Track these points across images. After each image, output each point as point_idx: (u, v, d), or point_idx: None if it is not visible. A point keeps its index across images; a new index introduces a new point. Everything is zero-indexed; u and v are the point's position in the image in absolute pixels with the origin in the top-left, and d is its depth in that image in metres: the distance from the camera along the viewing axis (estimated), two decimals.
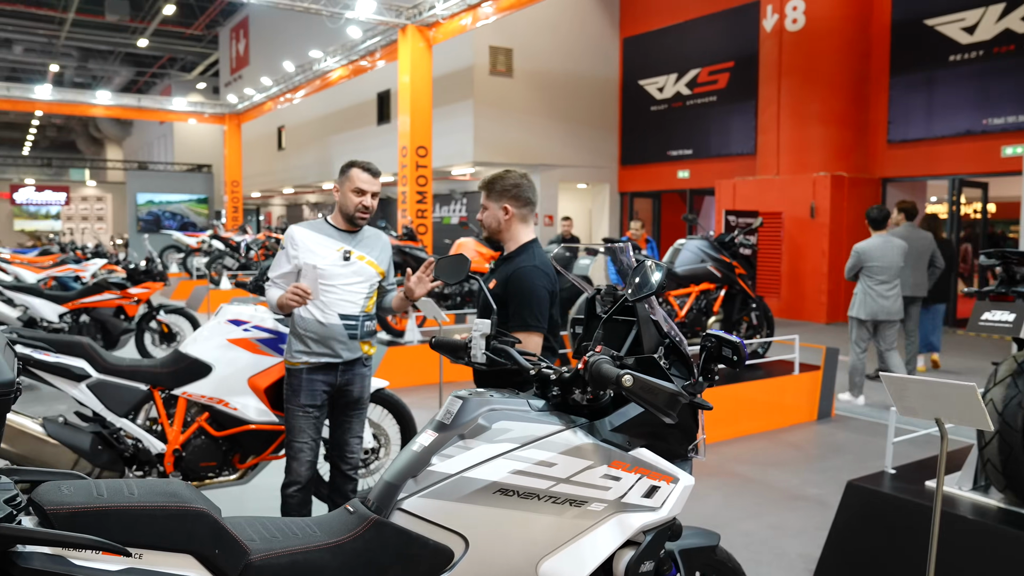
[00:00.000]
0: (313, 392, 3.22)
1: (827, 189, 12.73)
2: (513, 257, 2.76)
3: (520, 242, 2.80)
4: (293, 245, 3.21)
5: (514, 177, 2.81)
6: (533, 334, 2.64)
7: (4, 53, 32.93)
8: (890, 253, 6.45)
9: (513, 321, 2.64)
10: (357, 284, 3.23)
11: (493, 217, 2.80)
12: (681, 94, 16.94)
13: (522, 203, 2.80)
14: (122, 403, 3.54)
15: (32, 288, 7.51)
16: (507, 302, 2.66)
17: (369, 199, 3.25)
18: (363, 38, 15.59)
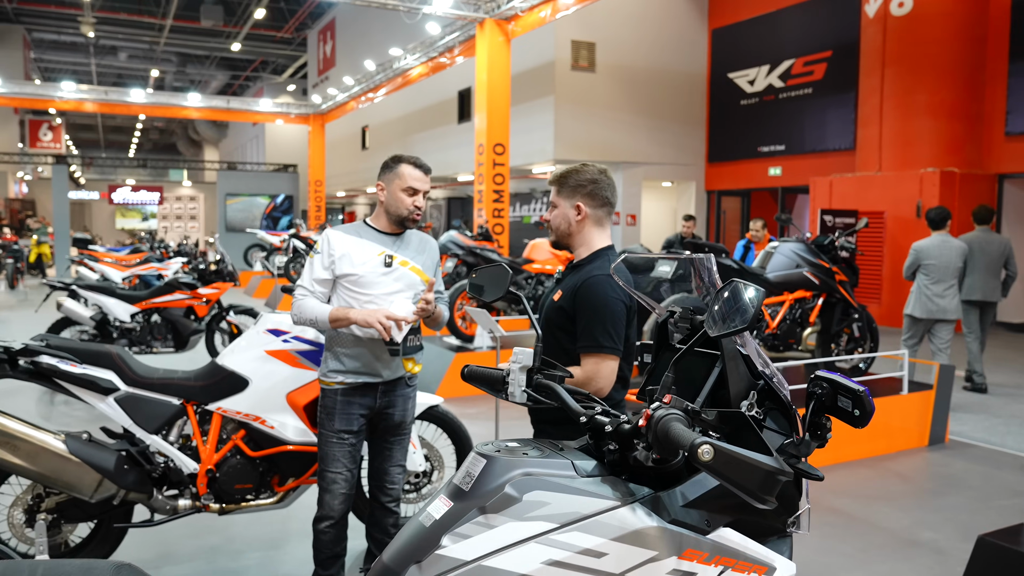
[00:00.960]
0: (349, 416, 2.86)
1: (936, 186, 11.70)
2: (584, 265, 2.35)
3: (593, 248, 2.38)
4: (330, 249, 2.86)
5: (591, 172, 2.38)
6: (606, 358, 2.21)
7: (110, 60, 34.59)
8: (947, 253, 6.59)
9: (582, 340, 2.24)
10: (399, 293, 2.86)
11: (563, 217, 2.38)
12: (773, 87, 16.03)
13: (598, 202, 2.37)
14: (153, 418, 3.28)
15: (105, 288, 7.52)
16: (575, 317, 2.26)
17: (421, 199, 2.88)
18: (442, 34, 15.37)
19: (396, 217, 2.87)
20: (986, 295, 7.18)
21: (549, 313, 2.37)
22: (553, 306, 2.35)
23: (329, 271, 2.84)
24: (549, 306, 2.38)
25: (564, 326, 2.31)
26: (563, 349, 2.31)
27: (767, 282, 5.42)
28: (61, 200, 22.04)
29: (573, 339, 2.28)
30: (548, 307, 2.39)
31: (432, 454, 3.86)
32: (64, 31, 29.91)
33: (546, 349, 2.36)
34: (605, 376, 2.21)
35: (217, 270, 7.97)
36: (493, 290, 2.01)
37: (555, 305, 2.35)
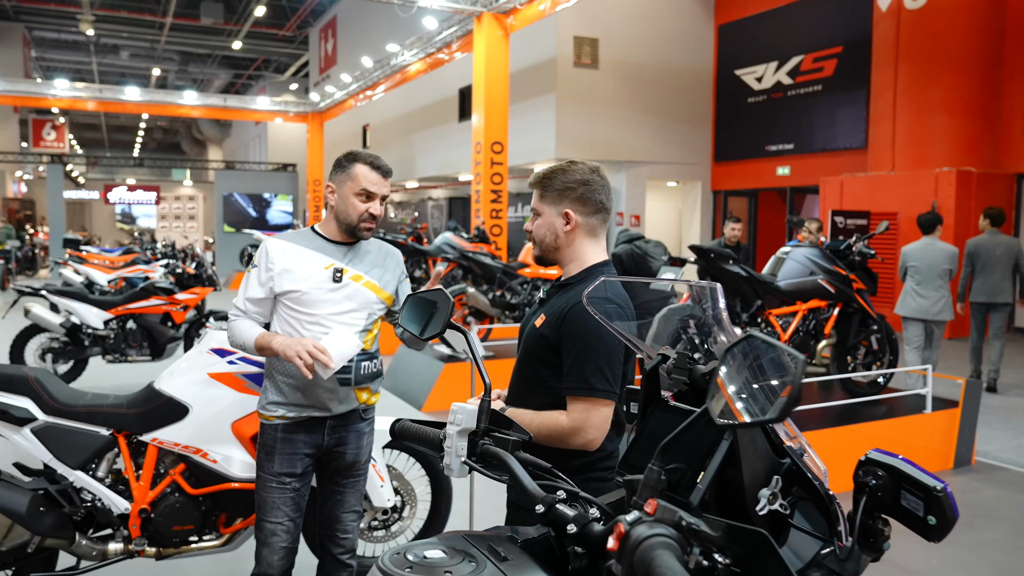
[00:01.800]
0: (292, 456, 2.44)
1: (952, 186, 11.23)
2: (574, 284, 1.92)
3: (586, 264, 1.95)
4: (268, 262, 2.43)
5: (580, 171, 1.94)
6: (598, 403, 1.80)
7: (112, 59, 34.32)
8: (931, 256, 6.86)
9: (569, 380, 1.82)
10: (350, 313, 2.43)
11: (548, 228, 1.95)
12: (782, 84, 15.55)
13: (591, 208, 1.94)
14: (77, 452, 2.87)
15: (77, 293, 7.12)
16: (561, 349, 1.85)
17: (377, 205, 2.44)
18: (439, 29, 14.96)
19: (346, 225, 2.44)
20: (990, 297, 7.30)
21: (529, 341, 1.95)
22: (534, 333, 1.93)
23: (266, 288, 2.42)
24: (530, 332, 1.96)
25: (546, 359, 1.89)
26: (544, 386, 1.89)
27: (778, 290, 4.99)
28: (56, 200, 21.71)
29: (557, 374, 1.86)
30: (529, 333, 1.96)
31: (403, 487, 3.45)
32: (64, 29, 29.62)
33: (523, 385, 1.94)
34: (596, 425, 1.79)
35: (196, 274, 7.57)
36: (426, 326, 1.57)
37: (536, 332, 1.92)
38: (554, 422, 1.82)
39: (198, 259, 7.69)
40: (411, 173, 22.50)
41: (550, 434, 1.81)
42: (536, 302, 2.09)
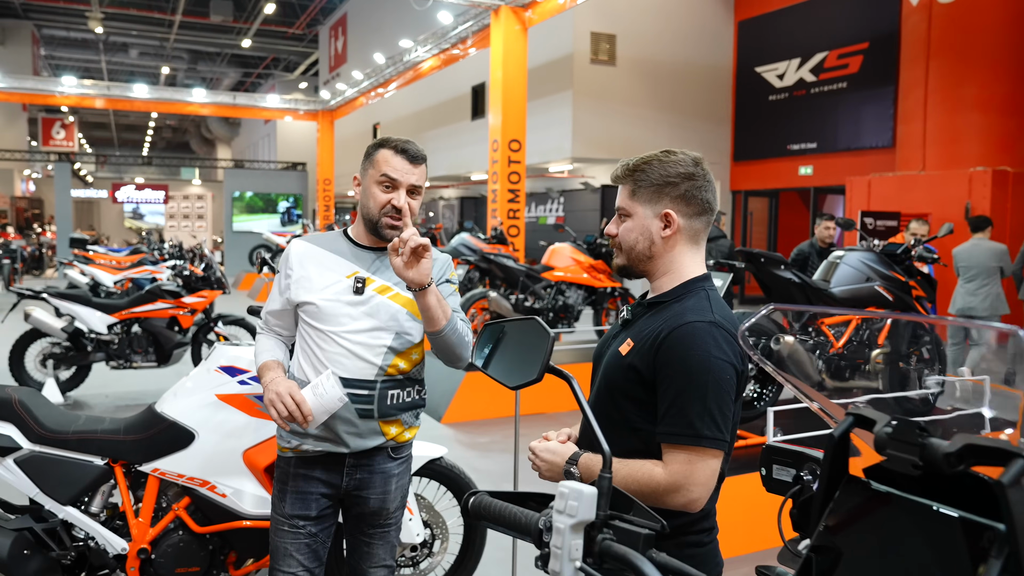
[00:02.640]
0: (305, 496, 2.07)
1: (987, 186, 10.81)
2: (669, 303, 1.56)
3: (684, 277, 1.58)
4: (288, 267, 2.08)
5: (683, 162, 1.57)
6: (705, 454, 1.44)
7: (121, 57, 34.17)
8: (977, 255, 7.20)
9: (668, 424, 1.46)
10: (372, 332, 2.04)
11: (641, 232, 1.58)
12: (805, 81, 15.14)
13: (696, 208, 1.58)
14: (67, 485, 2.53)
15: (79, 296, 6.80)
16: (656, 383, 1.49)
17: (403, 196, 2.03)
18: (454, 23, 14.60)
19: (369, 223, 2.07)
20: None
21: (612, 372, 1.58)
22: (619, 362, 1.56)
23: (284, 298, 2.08)
24: (613, 361, 1.59)
25: (635, 395, 1.53)
26: (630, 428, 1.54)
27: (833, 298, 4.61)
28: (64, 199, 21.47)
29: (648, 415, 1.51)
30: (611, 363, 1.59)
31: (433, 519, 3.09)
32: (73, 27, 29.44)
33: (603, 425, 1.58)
34: (702, 482, 1.44)
35: (204, 277, 7.24)
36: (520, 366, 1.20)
37: (622, 361, 1.55)
38: (647, 476, 1.46)
39: (206, 260, 7.35)
40: None
41: (640, 490, 1.45)
42: (617, 322, 1.69)
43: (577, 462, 1.51)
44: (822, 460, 0.92)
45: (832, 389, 3.99)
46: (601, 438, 1.01)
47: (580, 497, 0.87)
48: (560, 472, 1.53)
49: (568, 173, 17.38)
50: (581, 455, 1.53)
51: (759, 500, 3.76)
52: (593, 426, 1.04)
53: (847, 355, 4.71)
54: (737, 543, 3.76)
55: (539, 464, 1.58)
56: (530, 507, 1.09)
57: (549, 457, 1.56)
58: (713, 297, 1.56)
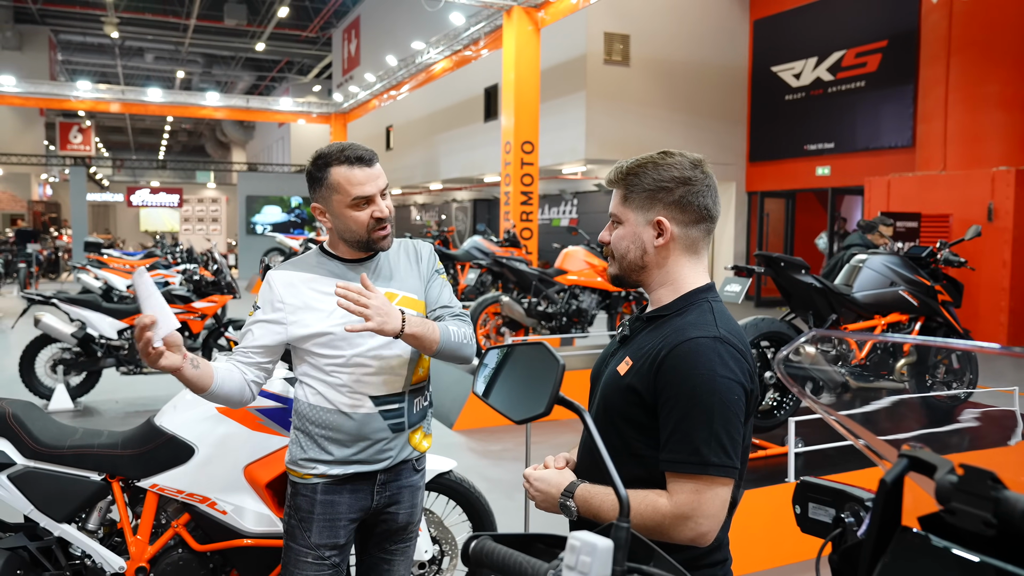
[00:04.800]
0: (333, 524, 1.95)
1: (1010, 186, 10.57)
2: (669, 318, 1.44)
3: (683, 289, 1.47)
4: (276, 301, 1.92)
5: (679, 165, 1.45)
6: (714, 483, 1.32)
7: (137, 62, 34.39)
8: None
9: (672, 451, 1.33)
10: (392, 345, 1.93)
11: (632, 240, 1.47)
12: (822, 80, 14.93)
13: (692, 215, 1.46)
14: (63, 501, 2.44)
15: (89, 301, 6.75)
16: (657, 405, 1.37)
17: (381, 204, 1.90)
18: (466, 25, 14.53)
19: (357, 243, 1.94)
20: None
21: (611, 394, 1.46)
22: (617, 383, 1.44)
23: (277, 334, 1.92)
24: (609, 381, 1.47)
25: (636, 419, 1.40)
26: (632, 454, 1.41)
27: (856, 303, 4.47)
28: (79, 203, 21.57)
29: (650, 440, 1.38)
30: (607, 382, 1.48)
31: (442, 535, 2.98)
32: (89, 32, 29.66)
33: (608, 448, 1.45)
34: (712, 514, 1.32)
35: (214, 281, 7.18)
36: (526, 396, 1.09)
37: (620, 382, 1.43)
38: (651, 508, 1.34)
39: (217, 264, 7.29)
40: (435, 175, 22.10)
41: (644, 524, 1.33)
42: (615, 338, 1.56)
43: (573, 494, 1.40)
44: (872, 507, 0.80)
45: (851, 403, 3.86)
46: (617, 480, 0.90)
47: (594, 552, 0.76)
48: (555, 504, 1.42)
49: (581, 175, 17.25)
50: (578, 485, 1.41)
51: (778, 515, 3.64)
52: (608, 465, 0.92)
53: (870, 366, 4.57)
54: (756, 559, 3.63)
55: (533, 494, 1.46)
56: (539, 550, 0.98)
57: (543, 487, 1.44)
58: (717, 310, 1.43)
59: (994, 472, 0.70)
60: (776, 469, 3.90)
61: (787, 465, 3.78)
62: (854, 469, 3.82)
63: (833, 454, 4.00)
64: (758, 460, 4.05)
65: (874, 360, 4.53)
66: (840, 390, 4.22)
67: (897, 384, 4.83)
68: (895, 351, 4.69)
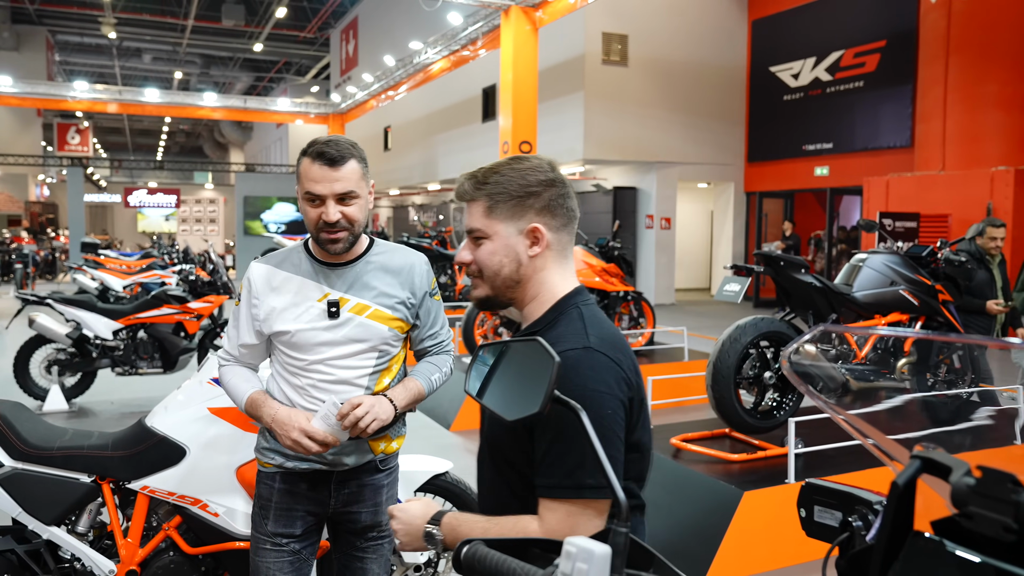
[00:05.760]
0: (290, 514, 1.95)
1: (1009, 186, 10.56)
2: (541, 333, 1.31)
3: (554, 298, 1.36)
4: (252, 296, 1.92)
5: (540, 168, 1.36)
6: (588, 507, 1.22)
7: (134, 62, 34.34)
8: None
9: (545, 475, 1.24)
10: (356, 357, 1.90)
11: (505, 253, 1.36)
12: (820, 80, 14.92)
13: (561, 219, 1.37)
14: (52, 504, 2.40)
15: (84, 301, 6.71)
16: (532, 430, 1.26)
17: (333, 209, 1.83)
18: (464, 24, 14.50)
19: (317, 241, 1.90)
20: None
21: (492, 425, 1.37)
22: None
23: (255, 331, 1.94)
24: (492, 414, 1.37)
25: (514, 444, 1.30)
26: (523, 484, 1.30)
27: (855, 302, 4.43)
28: (76, 203, 21.52)
29: (526, 465, 1.28)
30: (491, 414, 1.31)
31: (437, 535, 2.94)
32: (87, 32, 29.60)
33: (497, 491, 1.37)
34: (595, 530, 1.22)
35: (210, 281, 7.14)
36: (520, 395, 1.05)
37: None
38: (520, 534, 1.24)
39: (213, 265, 7.25)
40: (433, 175, 22.07)
41: None
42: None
43: (440, 522, 1.29)
44: (884, 510, 0.76)
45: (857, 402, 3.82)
46: (614, 480, 0.86)
47: (591, 559, 0.72)
48: (419, 537, 1.30)
49: (580, 175, 17.23)
50: (446, 513, 1.31)
51: (778, 516, 3.60)
52: (604, 463, 0.88)
53: (871, 365, 4.53)
54: (756, 561, 3.59)
55: (395, 527, 1.35)
56: (534, 555, 0.95)
57: (405, 518, 1.33)
58: (587, 315, 1.33)
59: (1015, 474, 0.66)
60: (776, 470, 3.86)
61: (787, 466, 3.75)
62: (855, 470, 3.79)
63: (833, 455, 3.96)
64: (758, 461, 4.01)
65: (874, 359, 4.49)
66: (845, 389, 4.19)
67: (899, 383, 4.79)
68: (895, 350, 4.66)
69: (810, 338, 1.17)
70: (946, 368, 4.90)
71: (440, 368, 2.06)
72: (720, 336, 4.05)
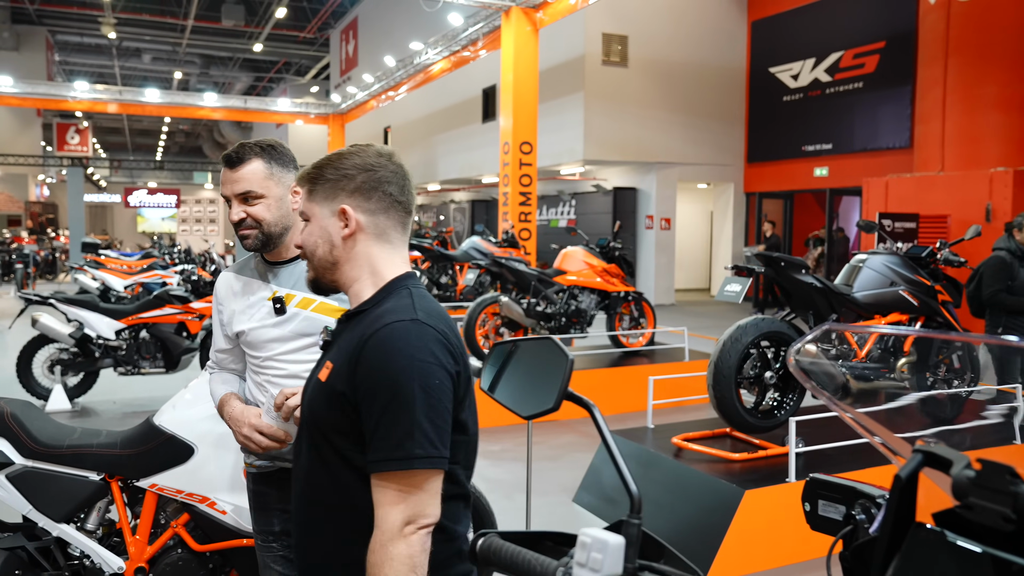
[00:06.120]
0: (266, 511, 1.99)
1: (1008, 187, 10.58)
2: (368, 311, 1.36)
3: (383, 280, 1.39)
4: (218, 303, 2.03)
5: (364, 154, 1.42)
6: (425, 476, 1.22)
7: (134, 62, 34.35)
8: None
9: (375, 450, 1.24)
10: (305, 351, 1.91)
11: (320, 234, 1.40)
12: (820, 81, 14.96)
13: (380, 203, 1.40)
14: (61, 501, 2.43)
15: (87, 301, 6.73)
16: (359, 406, 1.27)
17: (237, 209, 1.91)
18: (464, 25, 14.52)
19: None
20: None
21: (313, 404, 1.38)
22: (320, 390, 1.36)
23: (225, 335, 2.02)
24: (312, 393, 1.39)
25: (339, 426, 1.30)
26: (330, 473, 1.32)
27: (856, 303, 4.47)
28: (76, 203, 21.53)
29: (356, 446, 1.28)
30: (311, 394, 1.40)
31: None
32: (87, 32, 29.62)
33: (313, 475, 1.36)
34: (430, 503, 1.23)
35: (212, 282, 7.16)
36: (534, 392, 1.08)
37: (323, 389, 1.34)
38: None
39: (215, 265, 7.27)
40: (433, 175, 22.10)
41: None
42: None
43: None
44: (887, 503, 0.79)
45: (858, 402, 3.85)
46: (627, 475, 0.89)
47: (605, 549, 0.75)
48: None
49: (580, 176, 17.26)
50: None
51: (779, 515, 3.63)
52: (617, 461, 0.91)
53: (871, 364, 4.56)
54: (757, 559, 3.62)
55: None
56: (546, 548, 0.97)
57: None
58: (417, 294, 1.36)
59: (1013, 467, 0.69)
60: (777, 469, 3.89)
61: (787, 465, 3.77)
62: (854, 469, 3.82)
63: (833, 454, 3.99)
64: (759, 460, 4.04)
65: (874, 358, 4.52)
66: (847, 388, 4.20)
67: (899, 382, 4.82)
68: (895, 349, 4.69)
69: (814, 337, 1.20)
70: (945, 368, 4.93)
71: None
72: (721, 336, 4.08)
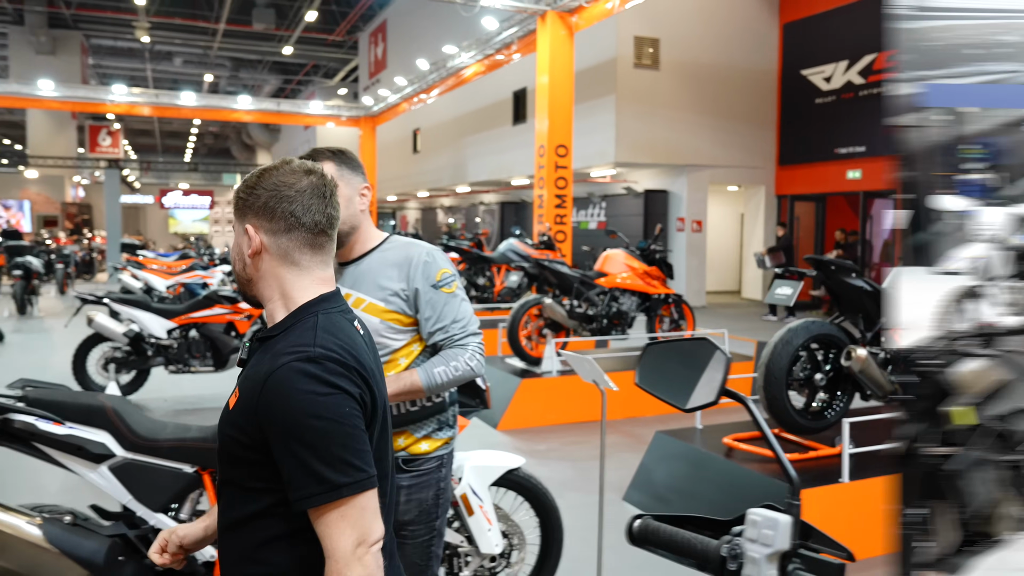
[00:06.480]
0: None
1: None
2: (276, 339, 1.33)
3: (293, 305, 1.36)
4: None
5: (278, 172, 1.37)
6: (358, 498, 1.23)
7: (166, 65, 34.91)
8: None
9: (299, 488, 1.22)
10: None
11: (236, 250, 1.42)
12: (852, 83, 14.89)
13: (281, 223, 1.35)
14: (159, 492, 2.55)
15: (140, 301, 6.93)
16: (267, 444, 1.26)
17: None
18: (499, 29, 14.64)
19: None
20: None
21: (223, 428, 1.36)
22: (227, 418, 1.35)
23: None
24: (223, 417, 1.38)
25: (244, 456, 1.30)
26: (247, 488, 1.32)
27: None
28: (113, 204, 21.96)
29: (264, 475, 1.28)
30: (222, 418, 1.38)
31: (511, 528, 3.07)
32: (121, 37, 30.17)
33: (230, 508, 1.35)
34: (372, 520, 1.24)
35: None
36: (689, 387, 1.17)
37: (230, 417, 1.33)
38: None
39: None
40: (463, 177, 22.24)
41: None
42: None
43: None
44: None
45: None
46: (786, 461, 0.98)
47: (776, 526, 0.84)
48: None
49: (611, 178, 17.31)
50: None
51: (836, 513, 3.68)
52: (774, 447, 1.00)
53: None
54: None
55: None
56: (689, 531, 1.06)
57: None
58: (322, 323, 1.31)
59: None
60: (828, 470, 3.94)
61: (840, 466, 3.83)
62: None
63: (882, 455, 4.03)
64: (810, 461, 4.10)
65: None
66: None
67: None
68: None
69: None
70: None
71: (448, 362, 2.03)
72: (771, 339, 4.14)
